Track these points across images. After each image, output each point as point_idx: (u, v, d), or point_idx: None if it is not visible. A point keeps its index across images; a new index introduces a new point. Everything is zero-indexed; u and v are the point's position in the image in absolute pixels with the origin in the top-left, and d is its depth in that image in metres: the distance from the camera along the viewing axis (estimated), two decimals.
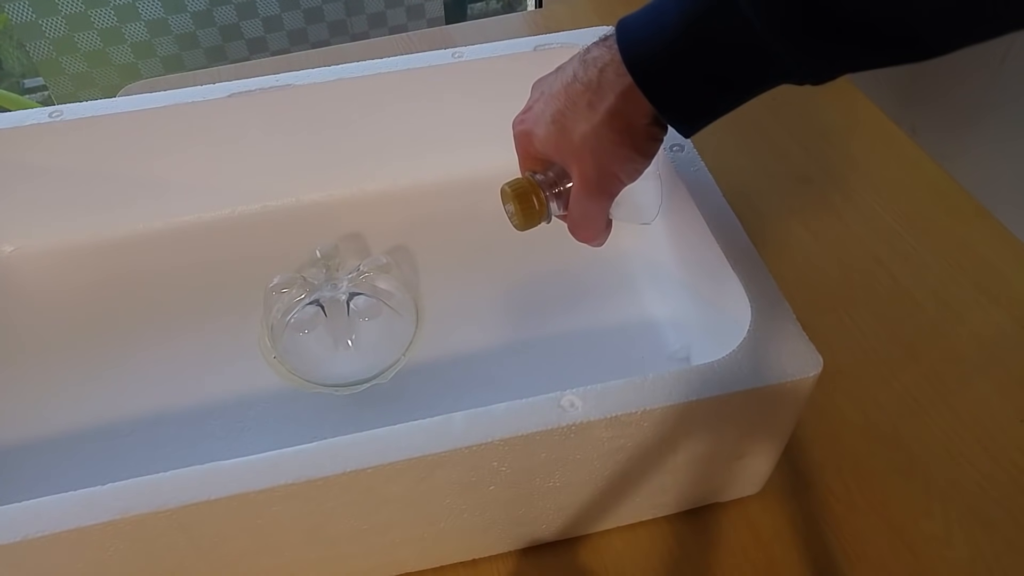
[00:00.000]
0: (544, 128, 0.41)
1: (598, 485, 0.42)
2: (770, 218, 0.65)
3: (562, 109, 0.39)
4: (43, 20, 1.13)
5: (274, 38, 1.27)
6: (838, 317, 0.58)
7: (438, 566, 0.46)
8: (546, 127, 0.41)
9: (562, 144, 0.40)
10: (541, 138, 0.41)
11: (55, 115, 0.57)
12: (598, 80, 0.38)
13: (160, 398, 0.53)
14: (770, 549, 0.46)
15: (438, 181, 0.66)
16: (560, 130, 0.40)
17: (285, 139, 0.62)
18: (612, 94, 0.37)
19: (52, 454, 0.51)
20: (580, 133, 0.39)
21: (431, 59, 0.61)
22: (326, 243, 0.56)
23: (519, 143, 0.44)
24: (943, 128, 1.08)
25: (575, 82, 0.39)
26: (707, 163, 0.52)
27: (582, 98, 0.38)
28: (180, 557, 0.38)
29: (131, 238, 0.63)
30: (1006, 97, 0.95)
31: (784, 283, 0.44)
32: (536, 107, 0.42)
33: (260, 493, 0.35)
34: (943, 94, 1.05)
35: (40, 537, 0.34)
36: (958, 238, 0.63)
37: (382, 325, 0.54)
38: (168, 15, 1.19)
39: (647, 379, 0.38)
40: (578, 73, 0.39)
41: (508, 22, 0.96)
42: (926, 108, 1.09)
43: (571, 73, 0.39)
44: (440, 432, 0.36)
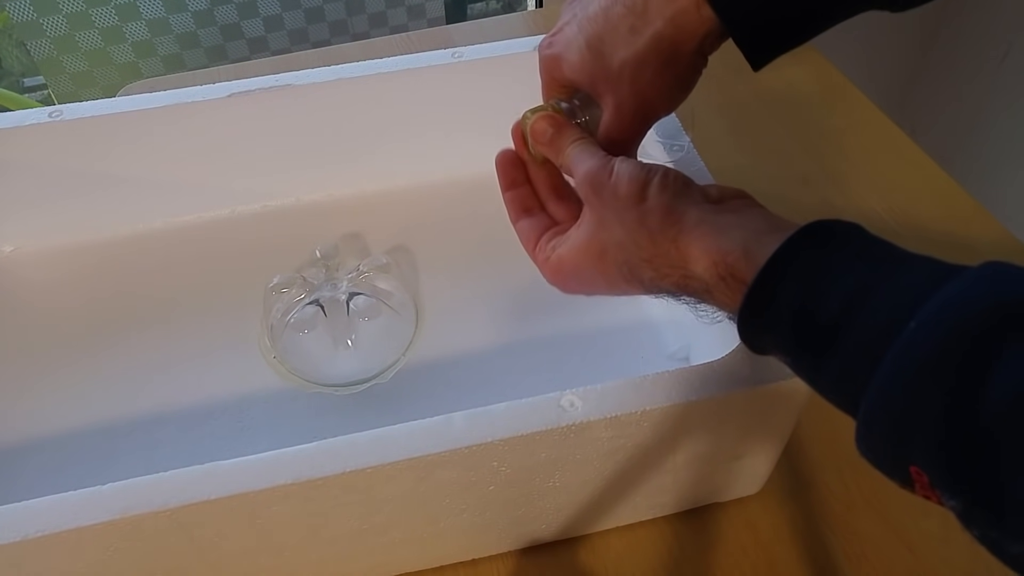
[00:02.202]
0: (577, 53, 0.38)
1: (598, 485, 0.42)
2: None
3: (599, 33, 0.37)
4: (44, 19, 1.13)
5: (275, 38, 1.27)
6: None
7: (438, 566, 0.46)
8: (580, 52, 0.38)
9: (597, 71, 0.38)
10: (573, 63, 0.38)
11: (55, 115, 0.57)
12: (644, 3, 0.35)
13: (160, 398, 0.53)
14: (769, 549, 0.46)
15: (438, 181, 0.66)
16: (596, 56, 0.37)
17: (285, 139, 0.62)
18: (660, 19, 0.35)
19: (52, 454, 0.51)
20: (620, 59, 0.36)
21: (431, 59, 0.61)
22: (326, 243, 0.56)
23: (545, 67, 0.41)
24: (943, 128, 1.08)
25: (616, 4, 0.36)
26: (707, 163, 0.52)
27: (623, 22, 0.36)
28: (180, 557, 0.38)
29: (131, 238, 0.63)
30: (1006, 97, 0.95)
31: None
32: (567, 30, 0.39)
33: (260, 493, 0.35)
34: (943, 94, 1.05)
35: (40, 537, 0.34)
36: (958, 239, 0.63)
37: (382, 325, 0.54)
38: (169, 14, 1.19)
39: (647, 379, 0.38)
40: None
41: (508, 22, 0.96)
42: (926, 109, 1.09)
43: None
44: (440, 432, 0.36)
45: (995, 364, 0.24)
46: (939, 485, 0.25)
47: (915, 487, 0.27)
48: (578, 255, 0.37)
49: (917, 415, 0.25)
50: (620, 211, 0.35)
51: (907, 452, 0.26)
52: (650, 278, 0.35)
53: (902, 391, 0.26)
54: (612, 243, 0.35)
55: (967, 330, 0.25)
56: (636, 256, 0.35)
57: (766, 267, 0.30)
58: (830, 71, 0.79)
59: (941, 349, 0.25)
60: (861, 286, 0.28)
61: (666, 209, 0.34)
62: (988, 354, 0.24)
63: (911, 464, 0.26)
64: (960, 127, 1.03)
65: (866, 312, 0.28)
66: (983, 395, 0.24)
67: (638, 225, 0.34)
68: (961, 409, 0.24)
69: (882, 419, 0.26)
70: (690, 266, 0.33)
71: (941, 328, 0.25)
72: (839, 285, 0.29)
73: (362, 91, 0.60)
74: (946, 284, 0.26)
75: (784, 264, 0.30)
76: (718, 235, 0.32)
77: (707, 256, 0.32)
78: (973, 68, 0.95)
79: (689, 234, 0.33)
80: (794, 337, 0.30)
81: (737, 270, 0.31)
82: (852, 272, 0.29)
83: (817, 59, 0.79)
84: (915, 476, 0.26)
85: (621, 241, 0.35)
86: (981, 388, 0.24)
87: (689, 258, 0.33)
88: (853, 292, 0.28)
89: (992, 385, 0.24)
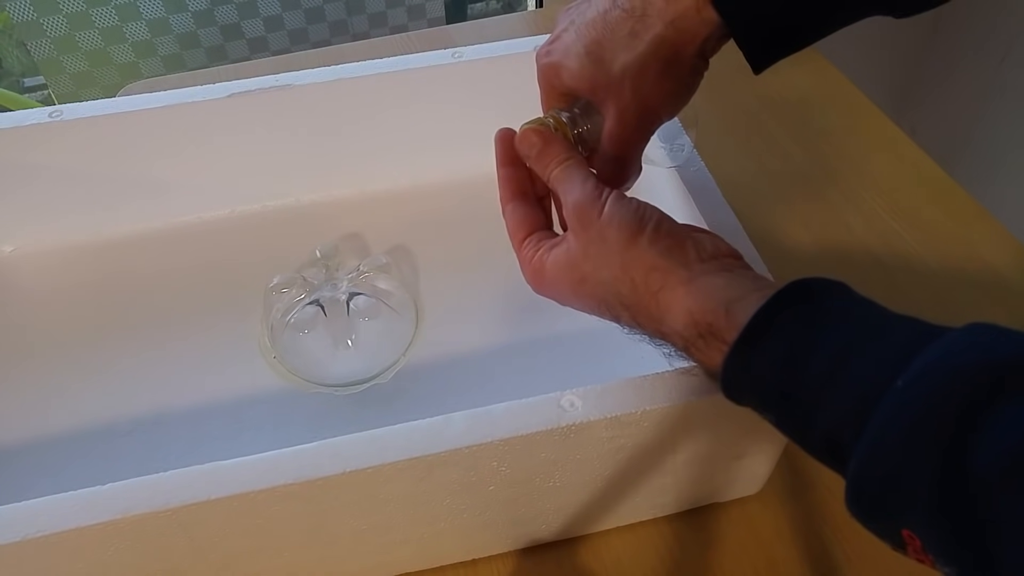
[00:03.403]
0: (576, 60, 0.37)
1: (598, 485, 0.42)
2: (770, 218, 0.65)
3: (598, 39, 0.36)
4: (44, 19, 1.13)
5: (275, 38, 1.27)
6: None
7: (437, 566, 0.46)
8: (579, 59, 0.37)
9: (598, 77, 0.37)
10: (573, 71, 0.38)
11: (55, 115, 0.57)
12: (643, 7, 0.35)
13: (160, 398, 0.53)
14: (770, 549, 0.46)
15: (438, 181, 0.66)
16: (596, 62, 0.37)
17: (285, 139, 0.62)
18: (660, 22, 0.34)
19: (52, 454, 0.51)
20: (620, 64, 0.36)
21: (431, 59, 0.61)
22: (326, 243, 0.56)
23: (544, 76, 0.40)
24: (943, 128, 1.08)
25: (614, 8, 0.36)
26: (707, 163, 0.52)
27: (623, 26, 0.35)
28: (180, 557, 0.38)
29: (131, 238, 0.63)
30: (1006, 97, 0.95)
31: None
32: (565, 37, 0.38)
33: (260, 493, 0.35)
34: (943, 94, 1.05)
35: (40, 537, 0.34)
36: (958, 238, 0.63)
37: (382, 325, 0.54)
38: (169, 14, 1.19)
39: (647, 379, 0.38)
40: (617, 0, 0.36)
41: (508, 22, 0.96)
42: (926, 108, 1.09)
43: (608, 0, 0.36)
44: (439, 432, 0.36)
45: (984, 426, 0.23)
46: (933, 551, 0.25)
47: (907, 550, 0.26)
48: (560, 272, 0.37)
49: (907, 477, 0.25)
50: (606, 253, 0.34)
51: (899, 515, 0.25)
52: (627, 322, 0.35)
53: (891, 453, 0.25)
54: (593, 279, 0.35)
55: (955, 390, 0.24)
56: (615, 299, 0.35)
57: (750, 324, 0.30)
58: (830, 71, 0.79)
59: (929, 410, 0.25)
60: (846, 345, 0.28)
61: (652, 265, 0.33)
62: (976, 416, 0.24)
63: (903, 528, 0.26)
64: (960, 127, 1.03)
65: (852, 372, 0.27)
66: (973, 458, 0.23)
67: (622, 272, 0.34)
68: (952, 472, 0.24)
69: (872, 481, 0.26)
70: (668, 322, 0.33)
71: (928, 388, 0.25)
72: (824, 343, 0.28)
73: (362, 91, 0.60)
74: (931, 344, 0.26)
75: (767, 322, 0.30)
76: (700, 295, 0.32)
77: (687, 314, 0.32)
78: (973, 68, 0.95)
79: (672, 292, 0.33)
80: (779, 395, 0.29)
81: (716, 328, 0.31)
82: (836, 331, 0.29)
83: (817, 59, 0.79)
84: (907, 539, 0.26)
85: (603, 280, 0.35)
86: (972, 451, 0.23)
87: (668, 314, 0.33)
88: (838, 351, 0.28)
89: (983, 447, 0.23)
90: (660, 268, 0.33)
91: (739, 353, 0.30)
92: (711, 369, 0.32)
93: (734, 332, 0.31)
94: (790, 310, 0.30)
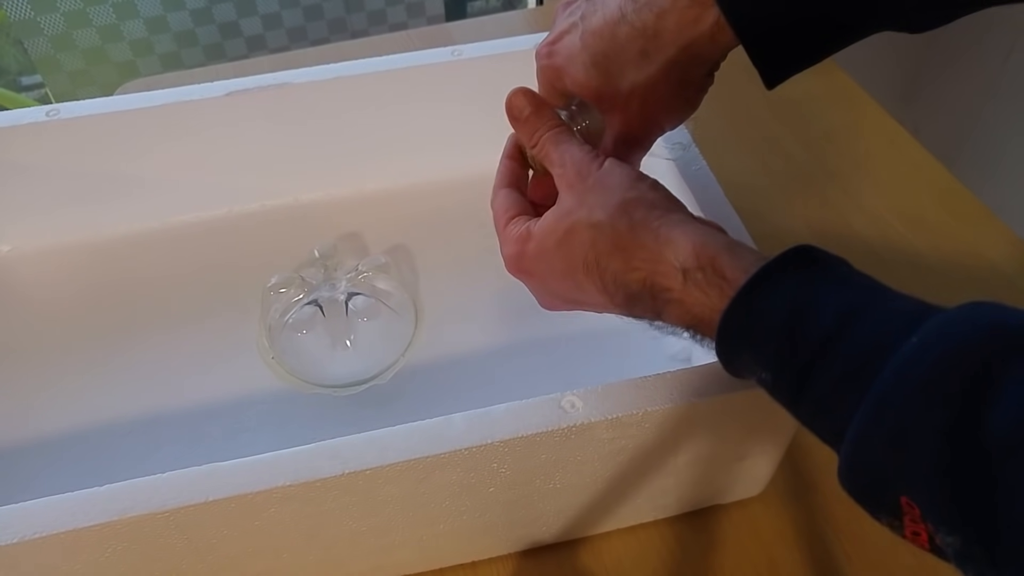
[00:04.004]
0: (582, 69, 0.37)
1: (599, 487, 0.42)
2: (772, 218, 0.65)
3: (605, 51, 0.36)
4: (41, 17, 1.12)
5: (273, 36, 1.27)
6: None
7: (437, 568, 0.45)
8: (585, 69, 0.37)
9: (605, 91, 0.37)
10: (578, 79, 0.37)
11: (52, 114, 0.57)
12: (655, 27, 0.34)
13: (158, 398, 0.53)
14: (772, 551, 0.46)
15: (438, 180, 0.65)
16: (603, 75, 0.36)
17: (283, 138, 0.62)
18: (673, 47, 0.34)
19: (51, 454, 0.50)
20: (630, 82, 0.36)
21: (431, 57, 0.60)
22: (324, 243, 0.56)
23: (545, 77, 0.40)
24: (946, 128, 1.07)
25: (623, 23, 0.35)
26: (708, 162, 0.52)
27: (633, 44, 0.35)
28: (178, 558, 0.38)
29: (129, 238, 0.63)
30: (1009, 97, 0.95)
31: None
32: (568, 41, 0.38)
33: (258, 494, 0.35)
34: (946, 94, 1.05)
35: (38, 538, 0.33)
36: (961, 238, 0.63)
37: (381, 325, 0.54)
38: (167, 12, 1.18)
39: (648, 380, 0.38)
40: (627, 13, 0.35)
41: (508, 20, 0.96)
42: (929, 107, 1.09)
43: (616, 10, 0.35)
44: (439, 433, 0.36)
45: (998, 390, 0.23)
46: (933, 519, 0.24)
47: (903, 521, 0.25)
48: (545, 235, 0.35)
49: (914, 436, 0.24)
50: (605, 195, 0.34)
51: (900, 479, 0.25)
52: (616, 271, 0.33)
53: (899, 410, 0.24)
54: (585, 224, 0.34)
55: (969, 352, 0.24)
56: (609, 243, 0.33)
57: (756, 274, 0.29)
58: (833, 70, 0.79)
59: (942, 370, 0.24)
60: (852, 304, 0.28)
61: (653, 203, 0.33)
62: (990, 380, 0.23)
63: (903, 494, 0.25)
64: (963, 127, 1.02)
65: (862, 327, 0.27)
66: (986, 422, 0.23)
67: (620, 212, 0.33)
68: (963, 434, 0.23)
69: (877, 436, 0.25)
70: (667, 256, 0.32)
71: (941, 349, 0.24)
72: (830, 301, 0.28)
73: (361, 90, 0.60)
74: (939, 312, 0.26)
75: (773, 274, 0.29)
76: (702, 232, 0.32)
77: (690, 244, 0.31)
78: (976, 67, 0.94)
79: (675, 227, 0.32)
80: (778, 348, 0.29)
81: (719, 263, 0.31)
82: (845, 291, 0.29)
83: None
84: (905, 508, 0.25)
85: (598, 223, 0.33)
86: (984, 414, 0.23)
87: (669, 247, 0.32)
88: (844, 309, 0.28)
89: (996, 412, 0.23)
90: (661, 207, 0.33)
91: (742, 301, 0.29)
92: (706, 317, 0.31)
93: (738, 271, 0.30)
94: (796, 266, 0.30)
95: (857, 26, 0.34)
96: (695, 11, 0.34)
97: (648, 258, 0.32)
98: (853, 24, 0.34)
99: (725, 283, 0.30)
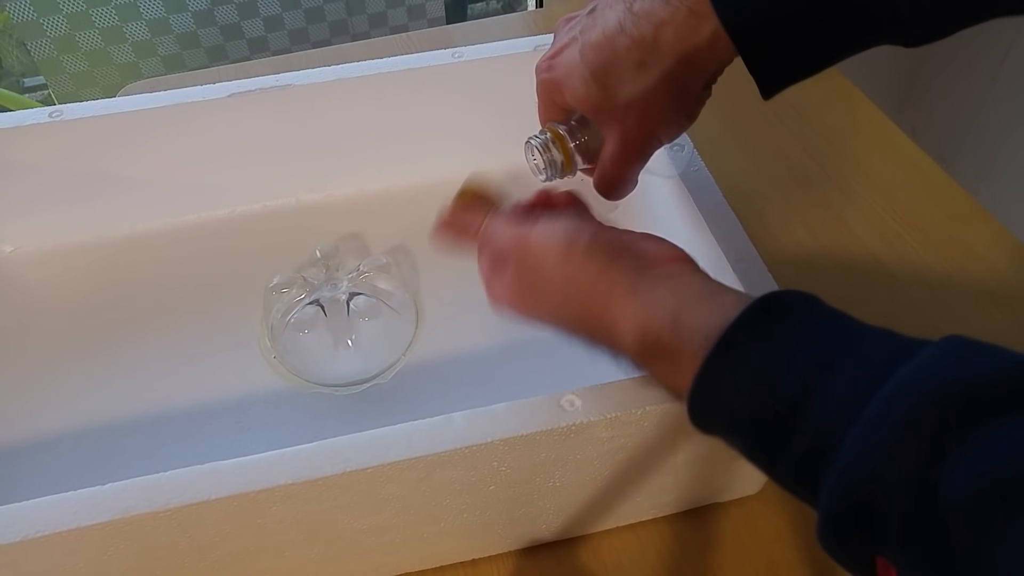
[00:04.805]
0: (581, 82, 0.37)
1: (598, 485, 0.42)
2: (770, 218, 0.65)
3: (604, 64, 0.36)
4: (44, 19, 1.13)
5: (275, 38, 1.27)
6: None
7: (438, 566, 0.46)
8: (584, 82, 0.37)
9: (602, 103, 0.37)
10: (576, 93, 0.37)
11: (55, 115, 0.57)
12: (653, 38, 0.34)
13: (160, 398, 0.53)
14: (770, 549, 0.46)
15: (438, 181, 0.65)
16: (602, 88, 0.36)
17: (285, 139, 0.62)
18: (671, 57, 0.34)
19: (52, 454, 0.50)
20: (627, 94, 0.36)
21: (431, 59, 0.61)
22: (326, 243, 0.56)
23: (544, 91, 0.40)
24: (943, 128, 1.08)
25: (621, 35, 0.35)
26: (707, 163, 0.52)
27: (631, 55, 0.35)
28: (180, 557, 0.38)
29: (131, 238, 0.63)
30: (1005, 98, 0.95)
31: (784, 283, 0.44)
32: (568, 55, 0.38)
33: (260, 493, 0.35)
34: (943, 95, 1.05)
35: (40, 537, 0.34)
36: (958, 238, 0.63)
37: (382, 325, 0.54)
38: (169, 14, 1.19)
39: (647, 378, 0.38)
40: (625, 25, 0.35)
41: (508, 22, 0.96)
42: (926, 108, 1.09)
43: (615, 23, 0.35)
44: (440, 432, 0.36)
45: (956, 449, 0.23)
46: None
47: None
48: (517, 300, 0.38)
49: (882, 502, 0.24)
50: (546, 277, 0.35)
51: (873, 541, 0.25)
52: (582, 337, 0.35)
53: (865, 476, 0.24)
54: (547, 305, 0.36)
55: (928, 413, 0.24)
56: (567, 313, 0.35)
57: (717, 345, 0.29)
58: (831, 72, 0.79)
59: (902, 434, 0.24)
60: (820, 362, 0.27)
61: (594, 280, 0.34)
62: (948, 439, 0.23)
63: (878, 555, 0.25)
64: (960, 127, 1.03)
65: (827, 390, 0.27)
66: (944, 483, 0.23)
67: (567, 289, 0.34)
68: (925, 497, 0.23)
69: (845, 505, 0.25)
70: (618, 338, 0.33)
71: (901, 412, 0.24)
72: (795, 362, 0.28)
73: (362, 91, 0.60)
74: (904, 364, 0.25)
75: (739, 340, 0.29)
76: (645, 307, 0.32)
77: (635, 328, 0.32)
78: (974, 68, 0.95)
79: (618, 308, 0.33)
80: (749, 420, 0.28)
81: (664, 341, 0.31)
82: (808, 348, 0.28)
83: None
84: (882, 569, 0.25)
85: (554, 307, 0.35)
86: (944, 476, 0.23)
87: (617, 332, 0.33)
88: (811, 369, 0.27)
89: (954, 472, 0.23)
90: (605, 279, 0.33)
91: (706, 376, 0.29)
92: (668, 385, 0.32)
93: (682, 346, 0.30)
94: (754, 333, 0.29)
95: (854, 39, 0.34)
96: (693, 21, 0.34)
97: (603, 331, 0.34)
98: (850, 36, 0.34)
99: (678, 358, 0.31)
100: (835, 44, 0.34)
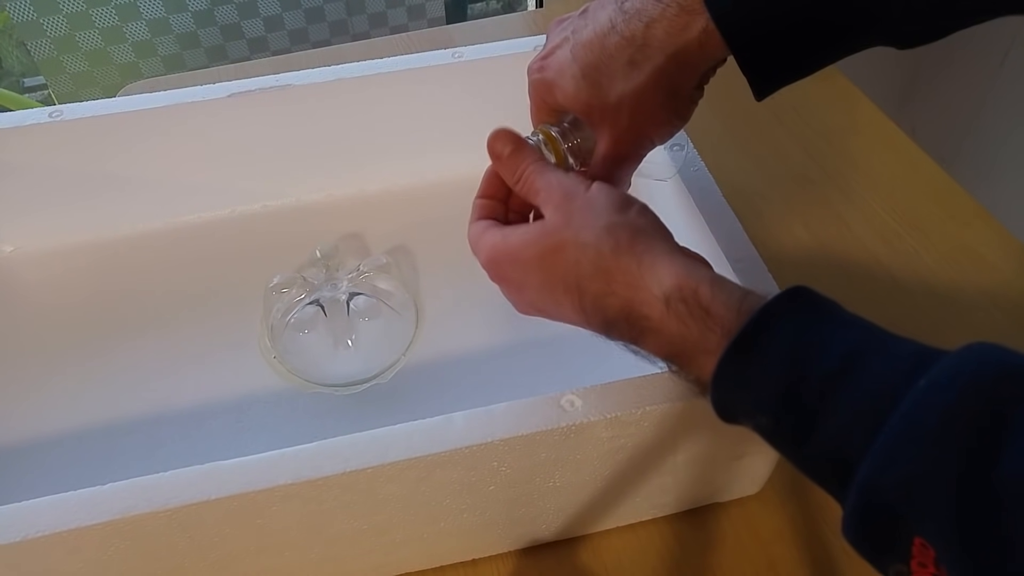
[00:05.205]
0: (572, 82, 0.37)
1: (598, 485, 0.42)
2: (770, 218, 0.65)
3: (595, 63, 0.36)
4: (44, 19, 1.13)
5: (275, 38, 1.27)
6: None
7: (438, 566, 0.46)
8: (575, 81, 0.37)
9: (594, 102, 0.37)
10: (568, 92, 0.37)
11: (55, 115, 0.57)
12: (643, 36, 0.34)
13: (160, 398, 0.53)
14: (770, 549, 0.46)
15: (438, 181, 0.66)
16: (593, 86, 0.36)
17: (285, 139, 0.62)
18: (661, 55, 0.34)
19: (52, 454, 0.51)
20: (618, 93, 0.36)
21: (431, 59, 0.61)
22: (326, 243, 0.56)
23: (536, 92, 0.39)
24: (943, 129, 1.08)
25: (612, 33, 0.35)
26: (707, 163, 0.52)
27: (621, 54, 0.35)
28: (180, 557, 0.38)
29: (131, 238, 0.63)
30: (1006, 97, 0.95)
31: (784, 283, 0.44)
32: (560, 55, 0.37)
33: (260, 493, 0.35)
34: (943, 95, 1.05)
35: (40, 537, 0.34)
36: (958, 239, 0.63)
37: (382, 325, 0.54)
38: (169, 14, 1.19)
39: (647, 379, 0.38)
40: (616, 23, 0.35)
41: (508, 22, 0.96)
42: (926, 109, 1.09)
43: (606, 22, 0.35)
44: (440, 432, 0.36)
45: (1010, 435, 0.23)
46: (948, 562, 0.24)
47: (911, 566, 0.25)
48: (525, 247, 0.35)
49: (929, 480, 0.24)
50: (592, 217, 0.34)
51: (914, 521, 0.24)
52: (595, 294, 0.33)
53: (914, 453, 0.24)
54: (571, 243, 0.34)
55: (982, 396, 0.24)
56: (592, 265, 0.33)
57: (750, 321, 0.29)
58: (830, 72, 0.79)
59: (954, 414, 0.24)
60: (856, 345, 0.27)
61: (639, 228, 0.33)
62: (1002, 424, 0.23)
63: (917, 535, 0.24)
64: (960, 127, 1.03)
65: (867, 369, 0.26)
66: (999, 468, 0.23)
67: (606, 234, 0.33)
68: (977, 480, 0.23)
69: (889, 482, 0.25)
70: (648, 285, 0.31)
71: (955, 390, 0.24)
72: (834, 341, 0.28)
73: (362, 91, 0.60)
74: (945, 353, 0.25)
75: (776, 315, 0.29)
76: (686, 263, 0.32)
77: (673, 274, 0.31)
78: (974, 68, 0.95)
79: (658, 256, 0.32)
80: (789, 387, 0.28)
81: (701, 296, 0.30)
82: (844, 332, 0.28)
83: None
84: (917, 551, 0.24)
85: (584, 243, 0.33)
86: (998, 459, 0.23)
87: (650, 275, 0.31)
88: (849, 349, 0.27)
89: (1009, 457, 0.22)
90: (647, 233, 0.33)
91: (740, 347, 0.29)
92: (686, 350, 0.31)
93: (723, 308, 0.30)
94: (792, 310, 0.29)
95: (848, 38, 0.34)
96: (684, 18, 0.34)
97: (628, 284, 0.32)
98: (844, 36, 0.34)
99: (709, 318, 0.30)
100: (828, 43, 0.34)
